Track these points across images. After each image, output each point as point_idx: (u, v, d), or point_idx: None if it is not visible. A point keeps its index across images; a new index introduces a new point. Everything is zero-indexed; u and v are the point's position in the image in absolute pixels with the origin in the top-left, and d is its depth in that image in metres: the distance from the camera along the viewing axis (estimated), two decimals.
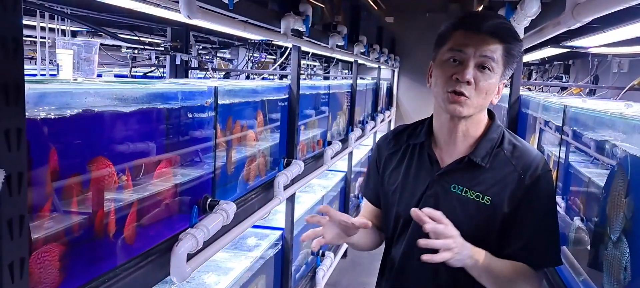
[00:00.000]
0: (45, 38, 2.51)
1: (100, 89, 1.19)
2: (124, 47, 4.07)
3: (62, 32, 2.59)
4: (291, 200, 2.65)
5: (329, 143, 3.44)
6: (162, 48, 3.61)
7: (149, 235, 1.36)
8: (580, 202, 1.54)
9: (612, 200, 1.21)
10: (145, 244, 1.34)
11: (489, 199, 1.11)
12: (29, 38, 3.18)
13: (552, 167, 1.80)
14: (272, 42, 3.96)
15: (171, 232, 1.45)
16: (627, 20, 1.79)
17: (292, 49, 2.59)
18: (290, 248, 2.71)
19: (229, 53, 4.96)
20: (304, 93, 2.84)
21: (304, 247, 3.23)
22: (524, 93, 2.76)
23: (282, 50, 4.45)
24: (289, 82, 2.55)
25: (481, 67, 1.08)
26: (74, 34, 3.52)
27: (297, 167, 2.48)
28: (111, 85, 1.29)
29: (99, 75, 2.88)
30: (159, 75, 4.00)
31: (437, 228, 1.00)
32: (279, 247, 2.67)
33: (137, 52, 4.08)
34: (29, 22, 2.54)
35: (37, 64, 2.58)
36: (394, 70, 7.35)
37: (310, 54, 5.22)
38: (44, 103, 0.98)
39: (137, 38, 3.54)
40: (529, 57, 4.38)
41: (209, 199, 1.64)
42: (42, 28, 2.49)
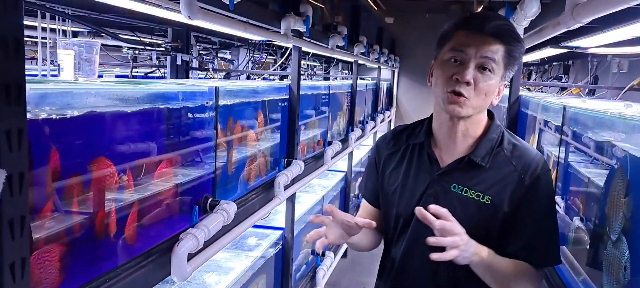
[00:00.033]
0: (46, 38, 2.52)
1: (101, 90, 1.19)
2: (125, 47, 4.08)
3: (63, 32, 2.59)
4: (291, 200, 2.65)
5: (329, 143, 3.44)
6: (163, 48, 3.61)
7: (150, 235, 1.36)
8: (579, 202, 1.54)
9: (611, 200, 1.21)
10: (146, 244, 1.34)
11: (489, 199, 1.11)
12: (30, 38, 3.19)
13: (552, 167, 1.81)
14: (273, 43, 3.96)
15: (172, 232, 1.46)
16: (627, 21, 1.79)
17: (293, 50, 2.59)
18: (290, 248, 2.71)
19: (229, 53, 4.96)
20: (305, 93, 2.84)
21: (304, 246, 3.23)
22: (523, 93, 2.76)
23: (283, 50, 4.45)
24: (290, 82, 2.55)
25: (482, 68, 1.08)
26: (75, 35, 3.53)
27: (297, 167, 2.49)
28: (112, 86, 1.29)
29: (100, 76, 2.88)
30: (160, 75, 4.00)
31: (445, 225, 0.99)
32: (280, 246, 2.67)
33: (138, 52, 4.08)
34: (30, 23, 2.55)
35: (38, 65, 2.58)
36: (394, 71, 7.35)
37: (310, 55, 5.22)
38: (45, 103, 0.98)
39: (138, 38, 3.55)
40: (528, 58, 4.38)
41: (210, 199, 1.65)
42: (43, 28, 2.49)
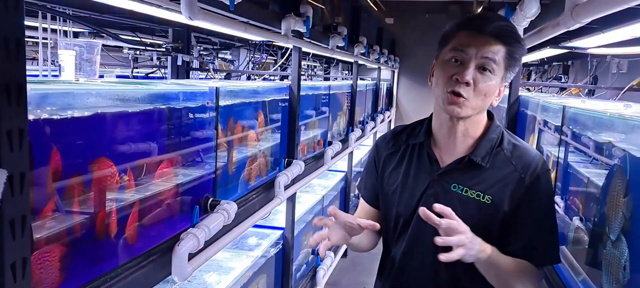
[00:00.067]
0: (47, 39, 2.52)
1: (102, 90, 1.19)
2: (126, 48, 4.08)
3: (64, 33, 2.59)
4: (292, 200, 2.65)
5: (330, 143, 3.44)
6: (164, 49, 3.61)
7: (151, 235, 1.37)
8: (579, 202, 1.54)
9: (611, 199, 1.22)
10: (146, 244, 1.34)
11: (489, 198, 1.12)
12: (31, 39, 3.19)
13: (552, 167, 1.81)
14: (273, 43, 3.96)
15: (172, 232, 1.46)
16: (626, 21, 1.79)
17: (293, 50, 2.60)
18: (290, 247, 2.72)
19: (230, 54, 4.96)
20: (305, 94, 2.84)
21: (304, 246, 3.24)
22: (523, 93, 2.76)
23: (283, 51, 4.45)
24: (290, 82, 2.55)
25: (482, 69, 1.08)
26: (76, 35, 3.53)
27: (297, 167, 2.49)
28: (113, 86, 1.29)
29: (101, 76, 2.88)
30: (161, 76, 4.01)
31: (451, 224, 0.99)
32: (280, 246, 2.67)
33: (138, 53, 4.08)
34: (31, 23, 2.55)
35: (39, 65, 2.58)
36: (393, 71, 7.35)
37: (310, 55, 5.23)
38: (46, 104, 0.99)
39: (138, 39, 3.55)
40: (528, 58, 4.37)
41: (210, 199, 1.65)
42: (44, 29, 2.49)
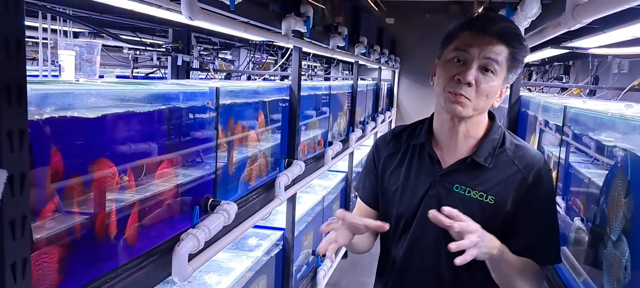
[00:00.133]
0: (47, 39, 2.52)
1: (102, 90, 1.19)
2: (126, 48, 4.08)
3: (64, 33, 2.59)
4: (292, 200, 2.65)
5: (330, 143, 3.44)
6: (164, 49, 3.61)
7: (151, 236, 1.36)
8: (580, 202, 1.54)
9: (612, 200, 1.21)
10: (146, 244, 1.34)
11: (492, 198, 1.11)
12: (31, 39, 3.19)
13: (552, 167, 1.81)
14: (273, 43, 3.96)
15: (173, 232, 1.46)
16: (627, 21, 1.79)
17: (293, 50, 2.59)
18: (291, 248, 2.71)
19: (230, 54, 4.96)
20: (305, 94, 2.84)
21: (304, 247, 3.23)
22: (524, 94, 2.76)
23: (283, 51, 4.44)
24: (290, 82, 2.55)
25: (484, 69, 1.08)
26: (76, 35, 3.53)
27: (298, 167, 2.49)
28: (113, 86, 1.29)
29: (101, 76, 2.88)
30: (161, 76, 4.01)
31: (463, 226, 0.99)
32: (280, 247, 2.67)
33: (138, 53, 4.08)
34: (31, 23, 2.55)
35: (39, 65, 2.58)
36: (394, 71, 7.35)
37: (311, 55, 5.22)
38: (46, 104, 0.98)
39: (138, 39, 3.55)
40: (529, 58, 4.37)
41: (211, 199, 1.65)
42: (44, 29, 2.49)
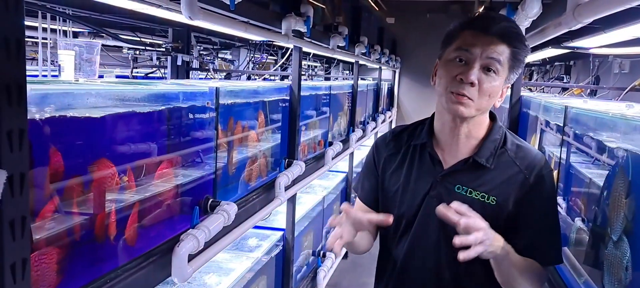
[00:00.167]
0: (46, 39, 2.52)
1: (102, 90, 1.19)
2: (126, 48, 4.08)
3: (64, 33, 2.59)
4: (292, 200, 2.65)
5: (330, 143, 3.44)
6: (164, 49, 3.61)
7: (151, 236, 1.36)
8: (581, 202, 1.54)
9: (613, 200, 1.21)
10: (146, 245, 1.34)
11: (494, 199, 1.11)
12: (31, 39, 3.19)
13: (553, 167, 1.80)
14: (273, 43, 3.96)
15: (172, 233, 1.45)
16: (628, 21, 1.79)
17: (293, 50, 2.59)
18: (291, 249, 2.71)
19: (230, 54, 4.96)
20: (305, 94, 2.84)
21: (305, 247, 3.23)
22: (525, 94, 2.76)
23: (283, 51, 4.44)
24: (290, 82, 2.55)
25: (486, 69, 1.08)
26: (76, 35, 3.53)
27: (298, 167, 2.48)
28: (113, 86, 1.29)
29: (101, 76, 2.88)
30: (160, 76, 4.01)
31: (469, 223, 0.98)
32: (280, 247, 2.67)
33: (138, 53, 4.08)
34: (30, 23, 2.55)
35: (38, 65, 2.58)
36: (394, 71, 7.35)
37: (311, 55, 5.22)
38: (45, 104, 0.98)
39: (138, 39, 3.55)
40: (530, 58, 4.36)
41: (210, 200, 1.64)
42: (44, 29, 2.49)
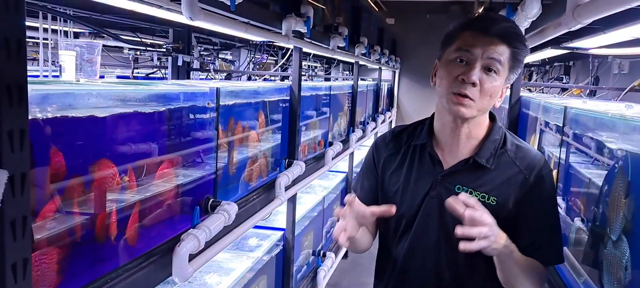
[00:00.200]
0: (47, 39, 2.52)
1: (102, 90, 1.19)
2: (126, 48, 4.09)
3: (65, 33, 2.60)
4: (292, 200, 2.65)
5: (330, 144, 3.44)
6: (164, 49, 3.62)
7: (151, 236, 1.36)
8: (580, 202, 1.54)
9: (612, 200, 1.21)
10: (147, 245, 1.34)
11: (494, 199, 1.11)
12: (32, 39, 3.19)
13: (553, 167, 1.81)
14: (274, 44, 3.97)
15: (173, 233, 1.46)
16: (628, 22, 1.79)
17: (294, 50, 2.59)
18: (291, 248, 2.71)
19: (230, 54, 4.96)
20: (305, 94, 2.84)
21: (305, 247, 3.23)
22: (524, 94, 2.76)
23: (284, 51, 4.45)
24: (290, 83, 2.55)
25: (487, 69, 1.08)
26: (77, 36, 3.53)
27: (298, 167, 2.49)
28: (113, 87, 1.29)
29: (101, 77, 2.88)
30: (161, 76, 4.01)
31: (474, 215, 0.98)
32: (281, 247, 2.67)
33: (139, 53, 4.09)
34: (31, 24, 2.55)
35: (39, 65, 2.59)
36: (394, 72, 7.35)
37: (311, 55, 5.22)
38: (46, 104, 0.99)
39: (139, 39, 3.55)
40: (529, 58, 4.37)
41: (211, 200, 1.65)
42: (45, 29, 2.50)
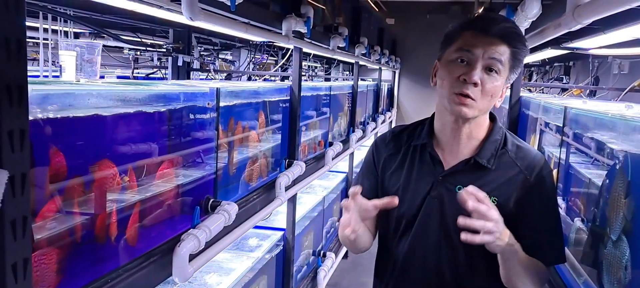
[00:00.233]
0: (48, 39, 2.52)
1: (103, 91, 1.19)
2: (126, 48, 4.09)
3: (65, 33, 2.60)
4: (292, 200, 2.65)
5: (330, 144, 3.44)
6: (164, 49, 3.62)
7: (151, 236, 1.37)
8: (580, 203, 1.54)
9: (612, 200, 1.21)
10: (147, 245, 1.34)
11: (495, 200, 1.11)
12: (32, 39, 3.19)
13: (553, 168, 1.81)
14: (274, 44, 3.97)
15: (173, 233, 1.46)
16: (628, 22, 1.79)
17: (294, 51, 2.60)
18: (291, 248, 2.71)
19: (230, 54, 4.97)
20: (305, 94, 2.84)
21: (305, 247, 3.23)
22: (524, 94, 2.76)
23: (284, 51, 4.45)
24: (291, 83, 2.55)
25: (488, 69, 1.08)
26: (77, 36, 3.53)
27: (298, 167, 2.49)
28: (114, 87, 1.29)
29: (102, 77, 2.89)
30: (161, 76, 4.01)
31: (480, 208, 0.98)
32: (281, 247, 2.67)
33: (139, 53, 4.09)
34: (32, 24, 2.55)
35: (39, 66, 2.59)
36: (394, 72, 7.36)
37: (311, 56, 5.22)
38: (47, 104, 0.99)
39: (139, 39, 3.55)
40: (529, 59, 4.37)
41: (211, 200, 1.65)
42: (45, 29, 2.50)
